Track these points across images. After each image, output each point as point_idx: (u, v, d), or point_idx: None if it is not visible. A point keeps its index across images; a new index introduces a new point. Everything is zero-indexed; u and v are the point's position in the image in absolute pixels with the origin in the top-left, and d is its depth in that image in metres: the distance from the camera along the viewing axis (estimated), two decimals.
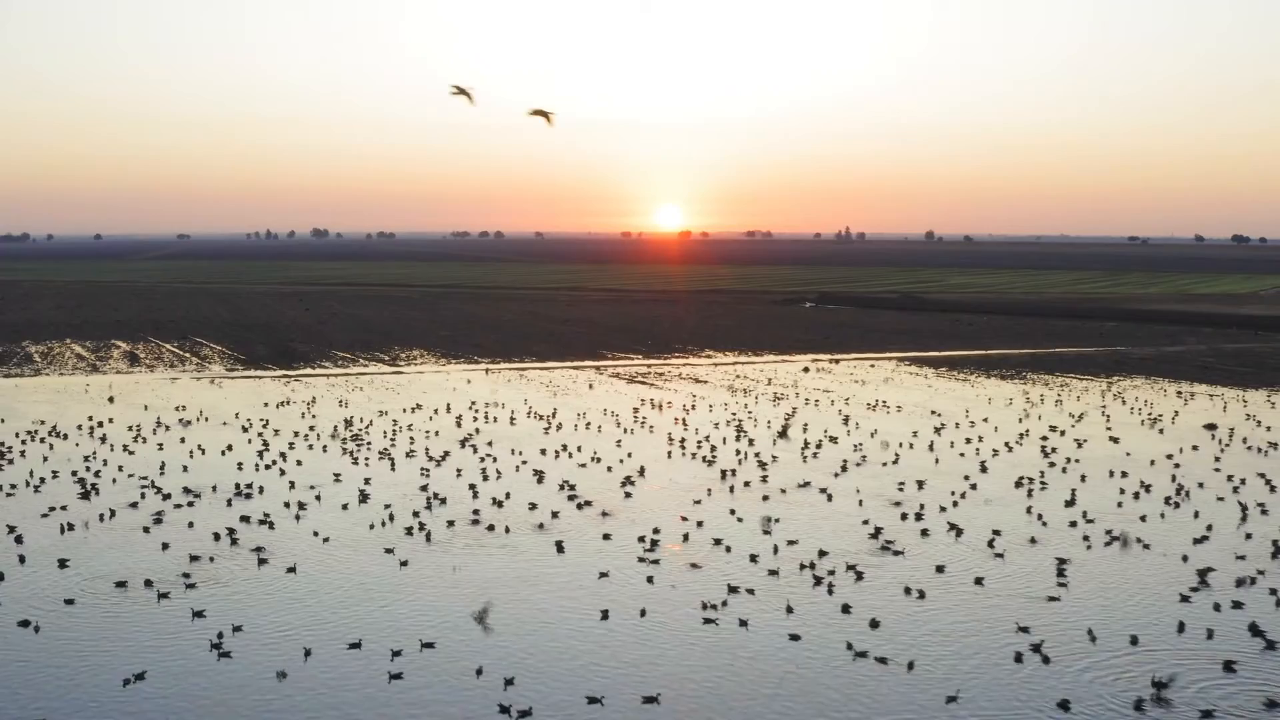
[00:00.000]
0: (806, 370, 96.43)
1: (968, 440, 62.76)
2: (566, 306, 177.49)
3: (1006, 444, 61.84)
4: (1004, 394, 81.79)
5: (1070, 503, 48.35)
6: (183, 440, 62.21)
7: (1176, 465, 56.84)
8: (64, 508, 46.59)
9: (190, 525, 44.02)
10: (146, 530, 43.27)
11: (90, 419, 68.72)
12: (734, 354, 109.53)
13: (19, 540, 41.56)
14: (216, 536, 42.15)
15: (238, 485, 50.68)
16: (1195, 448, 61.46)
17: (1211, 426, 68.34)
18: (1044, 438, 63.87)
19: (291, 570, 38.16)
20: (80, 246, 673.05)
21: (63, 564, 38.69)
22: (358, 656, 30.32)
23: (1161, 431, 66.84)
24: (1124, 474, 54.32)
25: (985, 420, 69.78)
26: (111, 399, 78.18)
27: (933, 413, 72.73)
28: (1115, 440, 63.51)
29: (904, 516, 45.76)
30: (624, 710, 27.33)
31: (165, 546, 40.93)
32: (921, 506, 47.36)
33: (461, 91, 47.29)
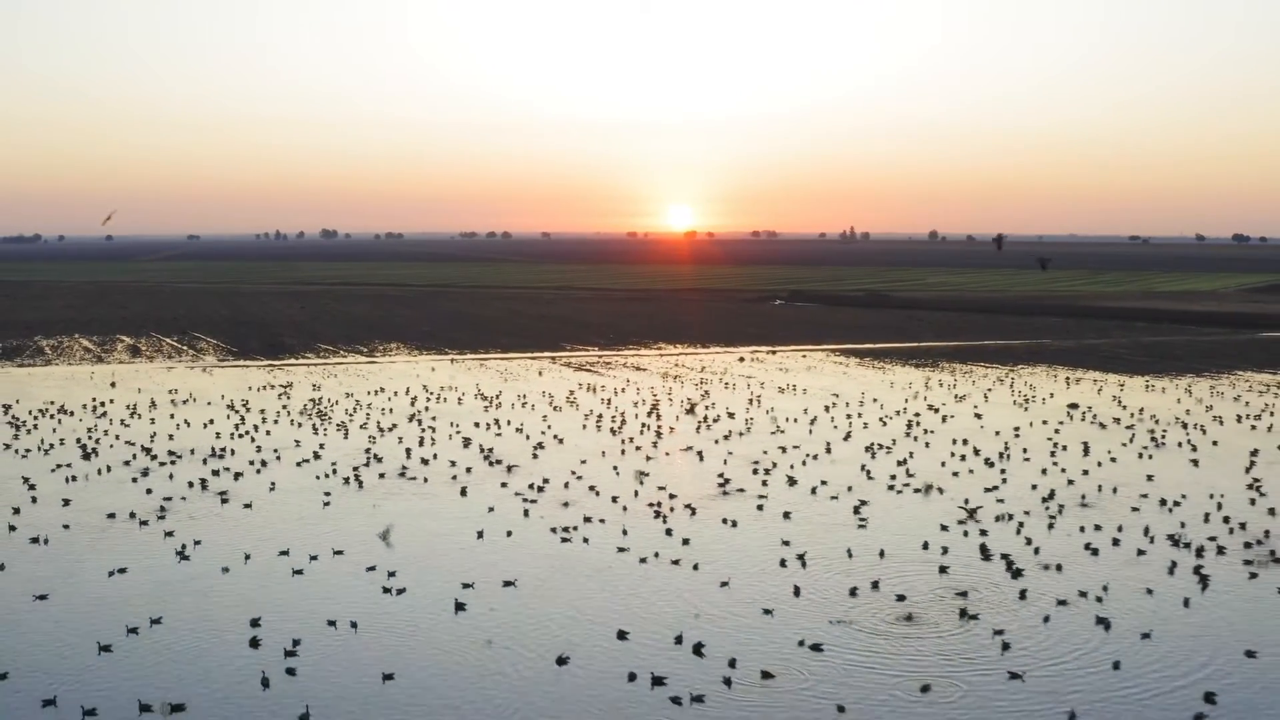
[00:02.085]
0: (742, 360, 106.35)
1: (848, 417, 72.52)
2: (547, 304, 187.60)
3: (880, 419, 71.64)
4: (908, 379, 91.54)
5: (902, 462, 58.12)
6: (172, 416, 72.30)
7: (1016, 435, 66.54)
8: (68, 465, 56.67)
9: (170, 477, 54.08)
10: (134, 480, 53.36)
11: (93, 399, 78.96)
12: (683, 346, 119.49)
13: (32, 487, 51.64)
14: (190, 484, 52.23)
15: (213, 449, 60.81)
16: (1045, 422, 71.17)
17: (1074, 406, 77.96)
18: (917, 414, 73.59)
19: (247, 506, 48.23)
20: (91, 247, 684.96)
21: (66, 503, 48.76)
22: (284, 559, 40.29)
23: (1026, 410, 76.51)
24: (965, 441, 64.01)
25: (875, 401, 79.53)
26: (113, 384, 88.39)
27: (833, 395, 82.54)
28: (979, 416, 73.22)
29: (755, 471, 55.60)
30: (489, 589, 37.07)
31: (149, 491, 51.02)
32: (774, 465, 57.23)
33: None
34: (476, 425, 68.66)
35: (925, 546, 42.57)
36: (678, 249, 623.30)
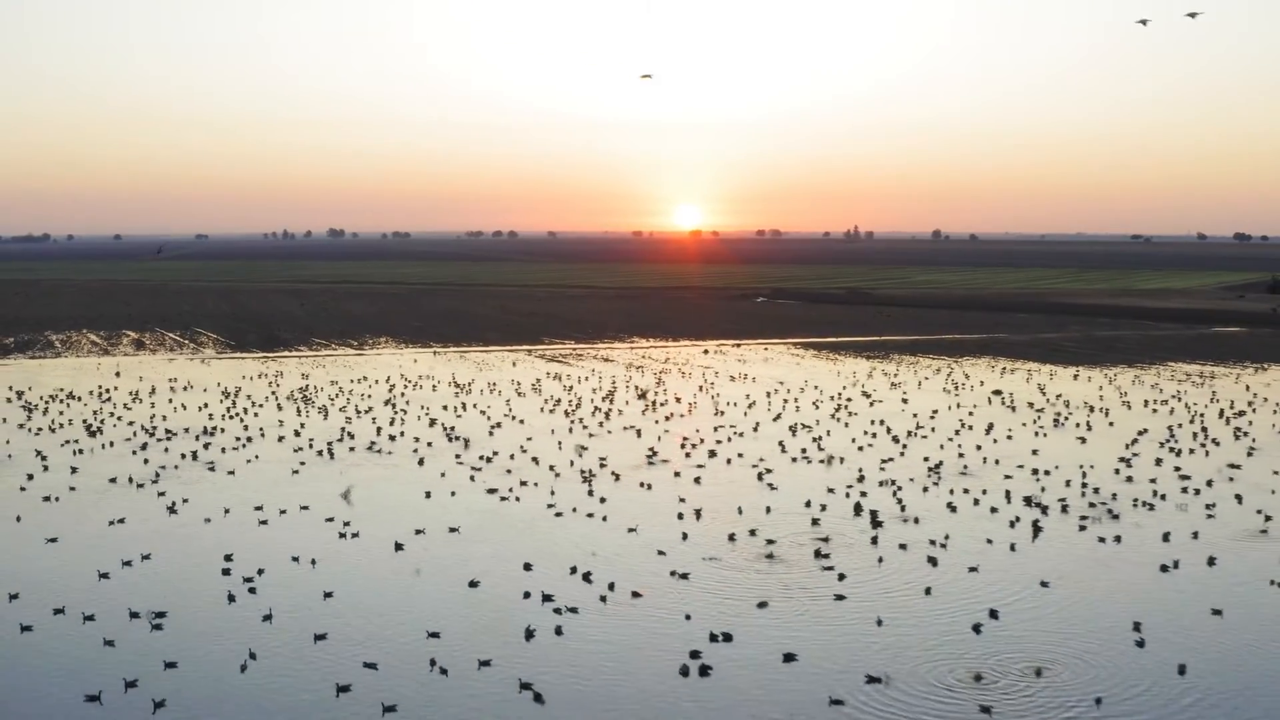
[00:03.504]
0: (706, 352, 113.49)
1: (784, 401, 79.57)
2: (538, 302, 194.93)
3: (814, 403, 78.67)
4: (854, 369, 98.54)
5: (817, 439, 65.14)
6: (170, 401, 79.65)
7: (932, 417, 73.47)
8: (76, 441, 63.97)
9: (165, 450, 61.37)
10: (134, 453, 60.65)
11: (99, 387, 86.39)
12: (655, 340, 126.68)
13: (44, 458, 58.93)
14: (183, 456, 59.51)
15: (205, 428, 68.11)
16: (961, 405, 78.13)
17: (997, 392, 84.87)
18: (849, 399, 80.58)
19: (230, 473, 55.49)
20: (100, 247, 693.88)
21: (73, 470, 56.03)
22: (258, 513, 47.51)
23: (954, 395, 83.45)
24: (882, 422, 70.98)
25: (815, 388, 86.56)
26: (118, 374, 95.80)
27: (779, 383, 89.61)
28: (905, 401, 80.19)
29: (682, 446, 62.72)
30: (436, 535, 44.19)
31: (146, 461, 58.30)
32: (702, 440, 64.34)
33: None
34: (445, 408, 75.87)
35: (808, 504, 49.58)
36: (681, 248, 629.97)
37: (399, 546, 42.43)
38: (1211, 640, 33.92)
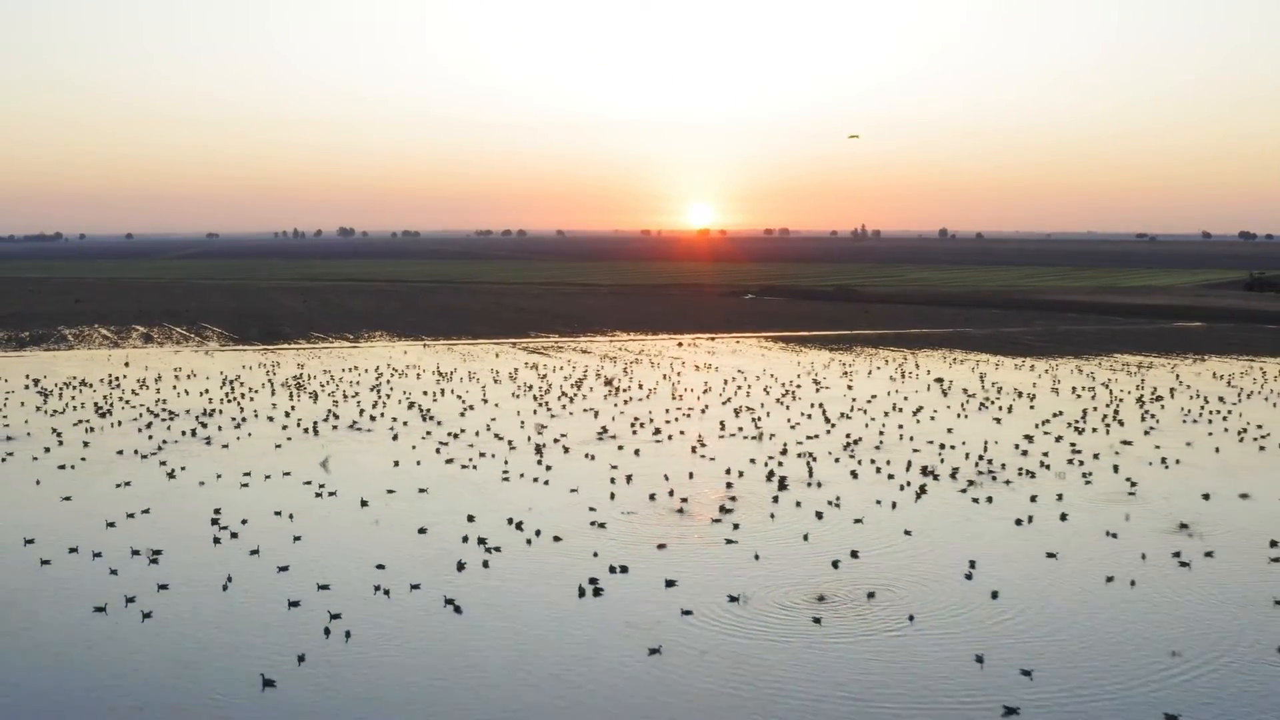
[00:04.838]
0: (680, 345, 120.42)
1: (738, 388, 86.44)
2: (532, 299, 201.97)
3: (765, 389, 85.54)
4: (813, 360, 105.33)
5: (756, 419, 72.00)
6: (174, 387, 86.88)
7: (869, 401, 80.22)
8: (87, 421, 71.17)
9: (168, 428, 68.56)
10: (139, 431, 67.85)
11: (109, 375, 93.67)
12: (637, 334, 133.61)
13: (59, 435, 66.14)
14: (183, 433, 66.69)
15: (205, 409, 75.28)
16: (899, 391, 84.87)
17: (940, 380, 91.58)
18: (798, 386, 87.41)
19: (225, 447, 62.64)
20: (111, 246, 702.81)
21: (85, 445, 63.25)
22: (247, 477, 54.66)
23: (900, 383, 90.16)
24: (820, 405, 77.79)
25: (772, 376, 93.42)
26: (126, 364, 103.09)
27: (739, 372, 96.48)
28: (850, 388, 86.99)
29: (631, 424, 69.68)
30: (406, 494, 51.18)
31: (150, 438, 65.50)
32: (651, 420, 71.27)
33: None
34: (425, 394, 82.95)
35: (728, 471, 56.47)
36: (687, 246, 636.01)
37: (364, 503, 49.51)
38: (1034, 576, 40.60)
